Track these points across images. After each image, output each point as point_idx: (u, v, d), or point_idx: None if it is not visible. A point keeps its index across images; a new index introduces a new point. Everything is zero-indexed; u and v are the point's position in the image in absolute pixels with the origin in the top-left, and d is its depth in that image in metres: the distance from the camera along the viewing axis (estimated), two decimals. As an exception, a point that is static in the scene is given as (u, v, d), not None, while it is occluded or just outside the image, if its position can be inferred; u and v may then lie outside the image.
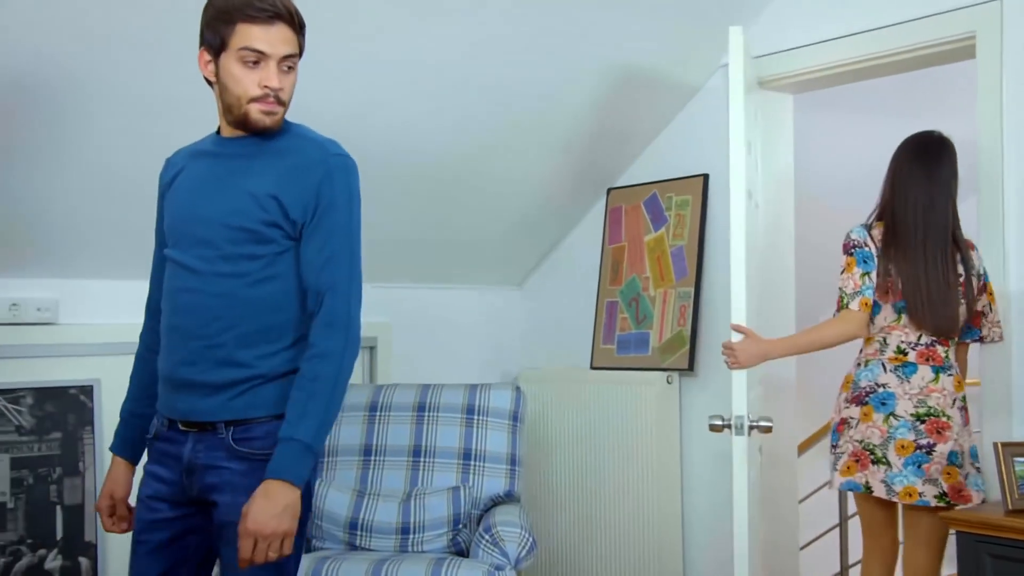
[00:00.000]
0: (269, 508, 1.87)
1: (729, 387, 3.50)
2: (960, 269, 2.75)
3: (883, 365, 2.77)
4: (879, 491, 2.71)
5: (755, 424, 2.81)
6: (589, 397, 3.84)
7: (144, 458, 2.15)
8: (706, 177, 3.68)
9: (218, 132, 2.10)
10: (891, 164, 2.86)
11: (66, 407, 3.06)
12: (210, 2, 1.98)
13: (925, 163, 2.78)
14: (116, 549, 3.08)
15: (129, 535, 2.13)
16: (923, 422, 2.70)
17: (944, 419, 2.70)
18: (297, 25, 1.99)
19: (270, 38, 1.94)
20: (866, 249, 2.77)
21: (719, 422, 2.83)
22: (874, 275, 2.75)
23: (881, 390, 2.75)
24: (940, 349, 2.75)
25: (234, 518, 1.92)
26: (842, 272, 2.79)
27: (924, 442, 2.69)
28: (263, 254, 1.98)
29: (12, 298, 3.03)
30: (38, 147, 2.69)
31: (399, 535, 3.09)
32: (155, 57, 2.60)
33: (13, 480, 2.97)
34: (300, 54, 2.02)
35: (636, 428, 3.68)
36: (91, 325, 3.13)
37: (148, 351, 2.17)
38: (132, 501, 2.16)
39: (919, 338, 2.75)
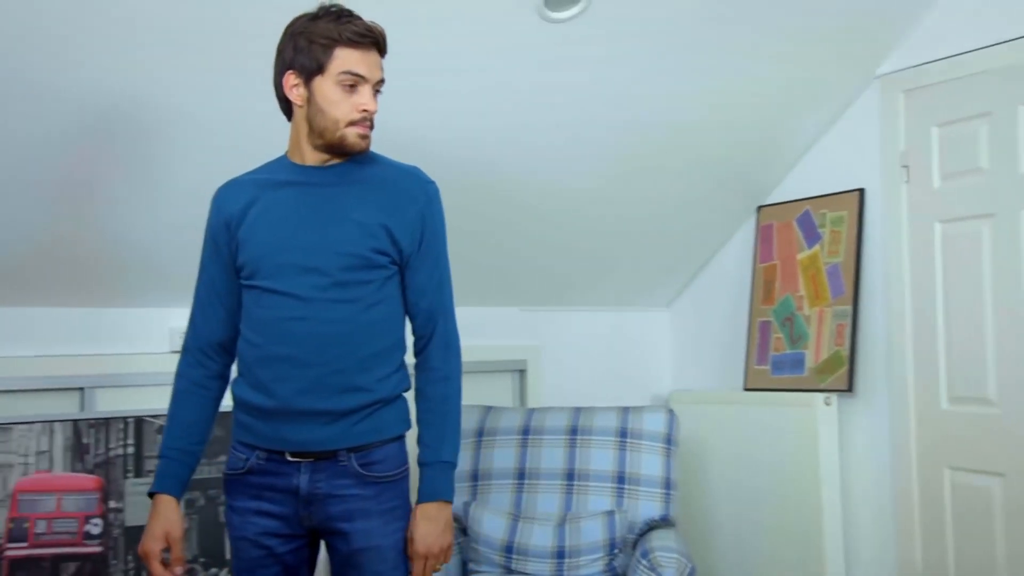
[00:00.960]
0: (435, 528, 2.00)
1: (891, 408, 3.39)
2: None
3: None
4: None
5: None
6: (743, 419, 3.76)
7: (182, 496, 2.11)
8: (862, 192, 3.57)
9: (287, 159, 2.08)
10: None
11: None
12: (301, 28, 1.98)
13: None
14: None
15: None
16: None
17: None
18: (384, 51, 2.03)
19: (368, 63, 1.98)
20: None
21: None
22: None
23: None
24: None
25: (368, 544, 1.98)
26: None
27: None
28: (373, 279, 2.01)
29: (178, 327, 3.17)
30: (197, 181, 2.81)
31: (555, 559, 3.08)
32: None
33: (187, 501, 3.10)
34: None
35: (794, 451, 3.57)
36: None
37: (196, 386, 2.13)
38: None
39: None
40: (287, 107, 2.05)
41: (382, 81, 2.02)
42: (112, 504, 2.99)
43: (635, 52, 3.02)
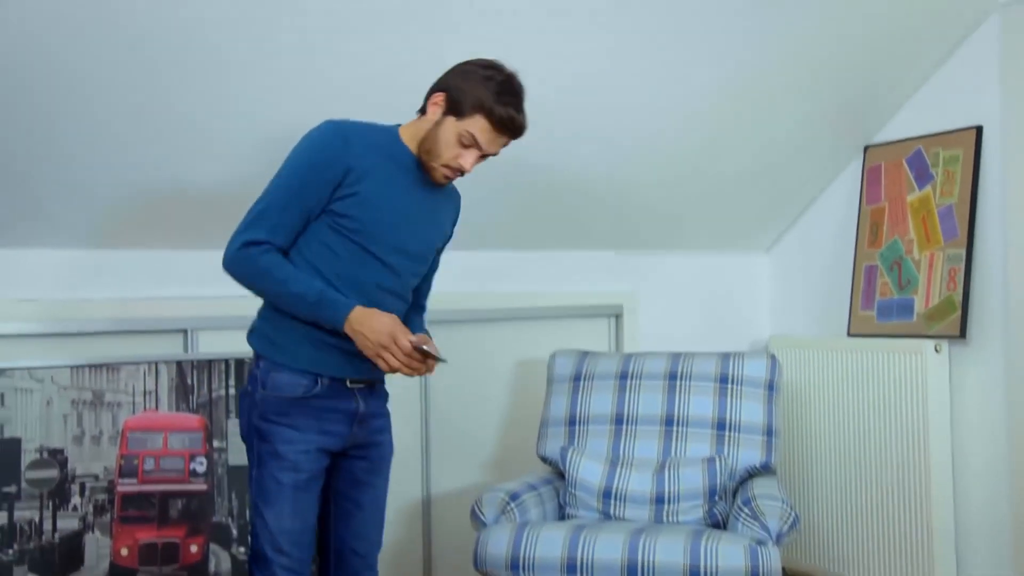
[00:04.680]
0: None
1: (1006, 355, 3.24)
2: None
3: None
4: None
5: None
6: (847, 366, 3.65)
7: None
8: (979, 129, 3.39)
9: (402, 141, 2.25)
10: None
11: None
12: (480, 83, 2.15)
13: None
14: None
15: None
16: None
17: None
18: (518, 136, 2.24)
19: (491, 139, 2.19)
20: None
21: None
22: None
23: None
24: None
25: (391, 451, 2.44)
26: None
27: None
28: None
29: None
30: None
31: (653, 505, 3.04)
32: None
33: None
34: None
35: (901, 399, 3.46)
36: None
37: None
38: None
39: None
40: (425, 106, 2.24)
41: (495, 154, 2.24)
42: (215, 444, 3.04)
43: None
